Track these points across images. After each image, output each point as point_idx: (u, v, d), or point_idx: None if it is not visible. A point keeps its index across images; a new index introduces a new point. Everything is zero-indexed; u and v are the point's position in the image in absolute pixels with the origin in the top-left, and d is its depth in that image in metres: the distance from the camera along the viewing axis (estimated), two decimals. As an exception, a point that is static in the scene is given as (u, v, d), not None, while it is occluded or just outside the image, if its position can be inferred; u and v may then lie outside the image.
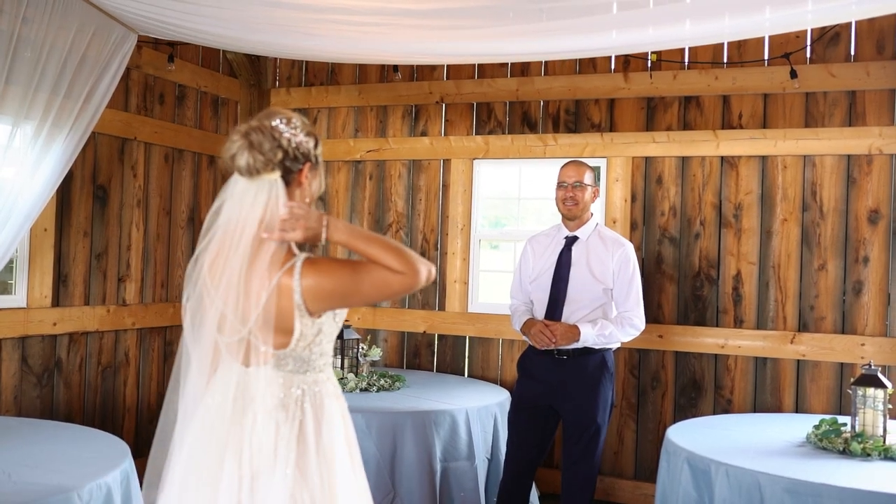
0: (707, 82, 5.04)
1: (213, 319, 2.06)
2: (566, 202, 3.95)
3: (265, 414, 2.02)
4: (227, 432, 2.02)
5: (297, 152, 2.09)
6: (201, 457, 2.04)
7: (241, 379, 2.06)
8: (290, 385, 2.06)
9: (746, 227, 4.96)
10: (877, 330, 4.70)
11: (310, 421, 2.05)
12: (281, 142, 2.06)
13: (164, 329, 5.42)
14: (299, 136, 2.10)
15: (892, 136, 4.67)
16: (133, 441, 5.20)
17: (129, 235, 5.15)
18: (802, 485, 2.88)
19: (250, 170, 2.06)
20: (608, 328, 3.84)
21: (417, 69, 5.76)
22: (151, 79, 5.27)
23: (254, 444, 1.99)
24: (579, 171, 3.95)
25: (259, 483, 1.98)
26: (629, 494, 5.13)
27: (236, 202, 2.09)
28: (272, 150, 2.06)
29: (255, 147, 2.05)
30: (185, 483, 2.05)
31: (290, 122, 2.10)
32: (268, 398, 2.03)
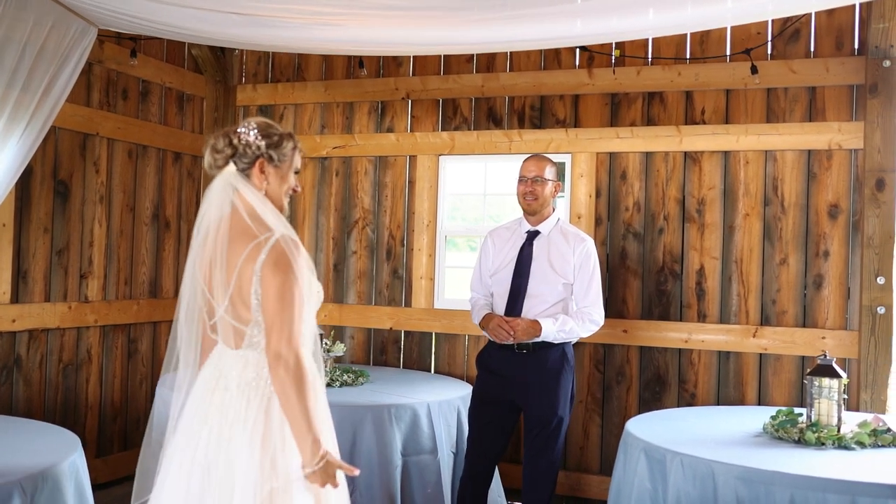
0: (670, 78, 5.07)
1: (201, 306, 2.46)
2: (526, 196, 3.96)
3: (238, 390, 2.38)
4: (208, 404, 2.39)
5: (247, 149, 2.46)
6: (189, 425, 2.42)
7: (220, 361, 2.45)
8: (261, 367, 2.38)
9: (709, 222, 4.99)
10: (837, 323, 4.75)
11: (275, 399, 2.35)
12: (232, 140, 2.47)
13: (128, 326, 5.38)
14: (251, 135, 2.46)
15: (851, 131, 4.72)
16: (95, 439, 5.16)
17: (92, 232, 5.11)
18: (755, 472, 2.90)
19: (211, 166, 2.50)
20: (568, 323, 3.86)
21: (383, 65, 5.75)
22: (114, 74, 5.23)
23: (227, 415, 2.35)
24: (540, 166, 3.96)
25: (231, 445, 2.33)
26: (595, 489, 5.14)
27: (215, 199, 2.47)
28: (225, 147, 2.47)
29: (214, 147, 2.49)
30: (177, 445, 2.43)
31: (249, 124, 2.50)
32: (242, 377, 2.39)
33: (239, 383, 2.39)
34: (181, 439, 2.43)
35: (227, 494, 2.30)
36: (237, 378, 2.40)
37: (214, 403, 2.40)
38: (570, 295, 3.93)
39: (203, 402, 2.42)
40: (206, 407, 2.40)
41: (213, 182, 2.48)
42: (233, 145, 2.46)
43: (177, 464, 2.40)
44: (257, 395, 2.37)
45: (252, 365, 2.40)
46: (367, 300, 5.70)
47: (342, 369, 4.62)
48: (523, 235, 4.01)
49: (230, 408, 2.37)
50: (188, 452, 2.38)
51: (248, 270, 2.35)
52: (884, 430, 3.37)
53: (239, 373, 2.41)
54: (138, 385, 5.45)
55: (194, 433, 2.40)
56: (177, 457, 2.40)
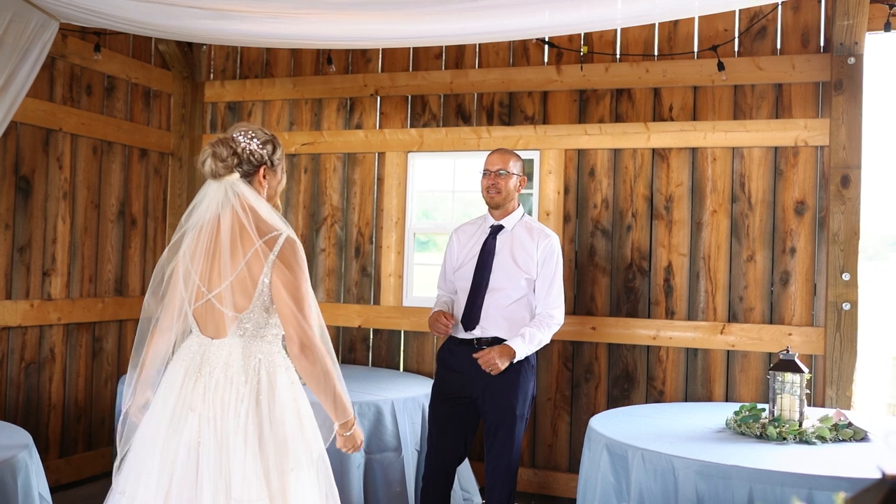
0: (638, 75, 5.07)
1: (189, 294, 2.57)
2: (489, 190, 3.93)
3: (225, 376, 2.49)
4: (191, 391, 2.49)
5: (252, 158, 2.60)
6: (169, 412, 2.50)
7: (200, 349, 2.54)
8: (249, 354, 2.52)
9: (677, 219, 4.99)
10: (803, 320, 4.76)
11: (265, 385, 2.51)
12: (237, 150, 2.58)
13: (93, 325, 5.31)
14: (252, 144, 2.60)
15: (817, 128, 4.73)
16: (59, 439, 5.09)
17: (55, 228, 5.04)
18: (714, 467, 2.89)
19: (214, 174, 2.58)
20: (536, 336, 3.82)
21: (352, 61, 5.72)
22: (78, 69, 5.17)
23: (216, 401, 2.46)
24: (504, 159, 3.93)
25: (224, 429, 2.43)
26: (564, 487, 5.13)
27: (211, 200, 2.58)
28: (229, 156, 2.57)
29: (217, 156, 2.57)
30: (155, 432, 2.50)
31: (247, 133, 2.63)
32: (229, 363, 2.51)
33: (226, 370, 2.50)
34: (160, 427, 2.49)
35: (223, 478, 2.41)
36: (223, 365, 2.51)
37: (198, 391, 2.49)
38: (532, 290, 3.90)
39: (185, 389, 2.51)
40: (189, 394, 2.49)
41: (207, 184, 2.61)
42: (237, 154, 2.58)
43: (159, 450, 2.46)
44: (246, 381, 2.50)
45: (239, 352, 2.53)
46: (336, 298, 5.67)
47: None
48: (487, 230, 3.98)
49: (219, 393, 2.48)
50: (173, 438, 2.46)
51: (258, 263, 2.51)
52: (844, 425, 3.37)
53: (225, 360, 2.52)
54: (103, 384, 5.38)
55: (178, 419, 2.47)
56: (158, 444, 2.46)
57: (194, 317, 2.59)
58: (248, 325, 2.54)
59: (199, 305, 2.57)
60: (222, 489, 2.40)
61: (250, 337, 2.55)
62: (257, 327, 2.55)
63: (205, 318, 2.58)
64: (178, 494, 2.42)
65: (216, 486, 2.40)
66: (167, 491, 2.43)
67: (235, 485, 2.40)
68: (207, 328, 2.58)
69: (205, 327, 2.59)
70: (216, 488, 2.40)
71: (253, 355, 2.54)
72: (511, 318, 3.85)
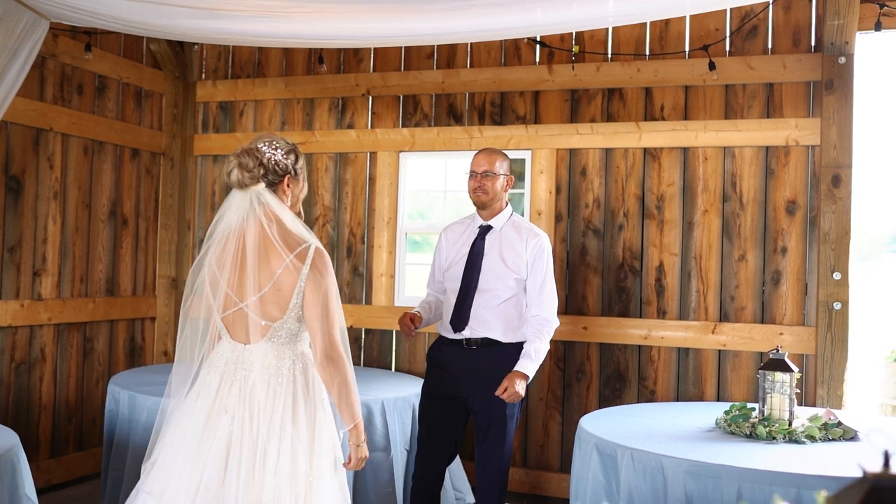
0: (630, 74, 5.07)
1: (218, 302, 2.64)
2: (476, 192, 3.91)
3: (260, 380, 2.57)
4: (226, 395, 2.57)
5: (277, 168, 2.68)
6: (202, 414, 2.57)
7: (233, 354, 2.62)
8: (282, 357, 2.61)
9: (669, 219, 4.99)
10: (795, 319, 4.76)
11: (300, 385, 2.60)
12: (262, 160, 2.65)
13: (84, 325, 5.30)
14: (277, 154, 2.68)
15: (808, 127, 4.74)
16: (49, 440, 5.07)
17: (45, 228, 5.02)
18: (703, 466, 2.89)
19: (240, 184, 2.65)
20: (540, 350, 3.80)
21: (344, 61, 5.71)
22: (69, 68, 5.16)
23: (252, 403, 2.54)
24: (490, 160, 3.91)
25: (258, 430, 2.51)
26: (555, 487, 5.12)
27: (237, 209, 2.65)
28: (255, 167, 2.64)
29: (243, 167, 2.63)
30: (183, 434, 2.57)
31: (271, 143, 2.69)
32: (264, 367, 2.59)
33: (261, 373, 2.59)
34: (195, 429, 2.56)
35: (252, 480, 2.47)
36: (259, 368, 2.60)
37: (233, 393, 2.57)
38: (521, 290, 3.89)
39: (221, 393, 2.59)
40: (225, 397, 2.58)
41: (233, 193, 2.68)
42: (262, 165, 2.65)
43: (193, 452, 2.53)
44: (281, 383, 2.59)
45: (273, 355, 2.61)
46: (328, 298, 5.65)
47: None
48: (476, 230, 3.97)
49: (254, 396, 2.57)
50: (207, 440, 2.53)
51: (291, 277, 2.59)
52: (834, 424, 3.37)
53: (261, 363, 2.60)
54: (94, 385, 5.37)
55: (213, 421, 2.56)
56: (192, 445, 2.54)
57: (224, 323, 2.68)
58: (281, 332, 2.62)
59: (229, 313, 2.66)
60: (252, 493, 2.46)
61: (284, 342, 2.63)
62: (291, 333, 2.65)
63: (235, 325, 2.66)
64: (205, 494, 2.48)
65: (247, 486, 2.47)
66: (196, 491, 2.49)
67: (267, 484, 2.47)
68: (238, 334, 2.66)
69: (235, 333, 2.66)
70: (247, 487, 2.47)
71: (287, 357, 2.63)
72: (501, 319, 3.84)
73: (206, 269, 2.69)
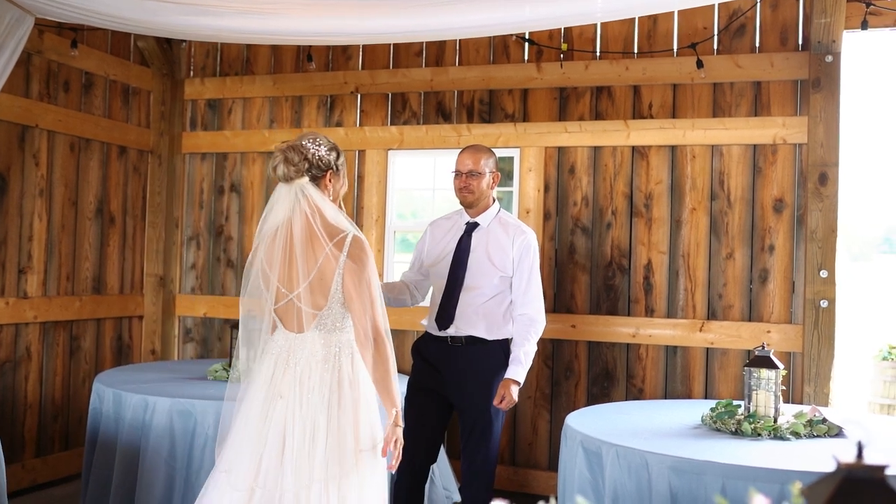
0: (618, 72, 5.07)
1: (271, 295, 2.82)
2: (462, 191, 3.89)
3: (308, 366, 2.76)
4: (280, 381, 2.77)
5: (320, 163, 2.85)
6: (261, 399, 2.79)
7: (286, 343, 2.81)
8: (329, 345, 2.78)
9: (657, 217, 4.99)
10: (782, 317, 4.77)
11: (346, 372, 2.78)
12: (307, 155, 2.82)
13: (70, 323, 5.27)
14: (321, 150, 2.86)
15: (795, 126, 4.74)
16: (35, 439, 5.05)
17: (31, 226, 5.00)
18: (687, 462, 2.89)
19: (286, 177, 2.82)
20: (529, 353, 3.77)
21: (332, 59, 5.70)
22: (55, 65, 5.13)
23: (301, 387, 2.74)
24: (475, 158, 3.89)
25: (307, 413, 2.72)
26: (544, 485, 5.12)
27: (283, 201, 2.83)
28: (300, 161, 2.81)
29: (289, 161, 2.81)
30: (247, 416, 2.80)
31: (315, 140, 2.88)
32: (313, 354, 2.77)
33: (311, 361, 2.77)
34: (254, 413, 2.79)
35: (304, 456, 2.68)
36: (308, 356, 2.78)
37: (287, 379, 2.77)
38: (507, 288, 3.87)
39: (275, 379, 2.79)
40: (279, 383, 2.78)
41: (279, 188, 2.85)
42: (307, 159, 2.82)
43: (253, 433, 2.76)
44: (328, 369, 2.77)
45: (320, 343, 2.79)
46: (316, 296, 5.64)
47: (286, 365, 4.55)
48: (462, 227, 3.96)
49: (304, 381, 2.75)
50: (264, 422, 2.75)
51: (331, 265, 2.76)
52: (819, 421, 3.37)
53: (309, 350, 2.78)
54: (81, 383, 5.34)
55: (268, 405, 2.77)
56: (252, 427, 2.77)
57: (277, 315, 2.85)
58: (327, 320, 2.80)
59: (280, 305, 2.83)
60: (305, 468, 2.68)
61: (330, 330, 2.80)
62: (336, 321, 2.81)
63: (287, 316, 2.84)
64: (266, 473, 2.70)
65: (299, 465, 2.68)
66: (257, 470, 2.71)
67: (318, 463, 2.67)
68: (290, 324, 2.83)
69: (288, 323, 2.84)
70: (299, 467, 2.68)
71: (333, 345, 2.80)
72: (486, 317, 3.83)
73: (258, 266, 2.86)
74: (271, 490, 2.69)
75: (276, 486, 2.69)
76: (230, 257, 5.88)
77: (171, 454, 3.72)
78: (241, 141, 5.85)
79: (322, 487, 2.68)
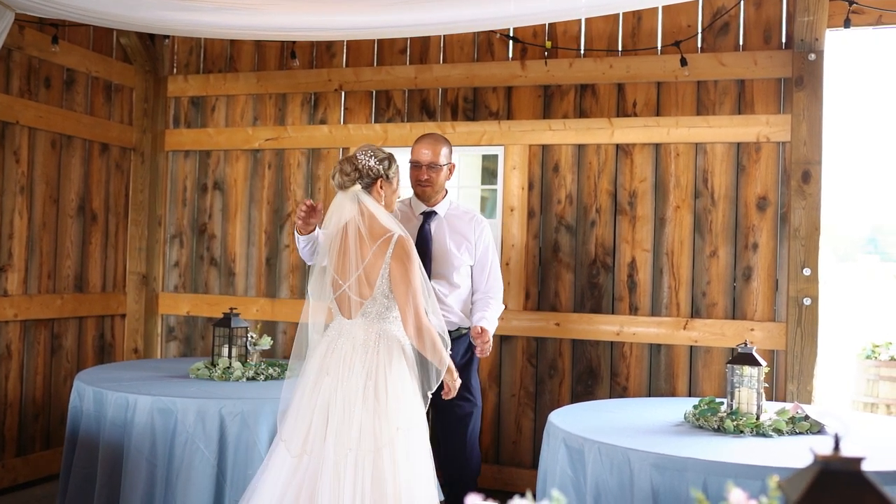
0: (602, 70, 5.07)
1: (329, 286, 3.26)
2: (422, 185, 3.84)
3: (352, 348, 3.16)
4: (329, 360, 3.17)
5: (370, 172, 3.25)
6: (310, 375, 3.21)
7: (340, 327, 3.23)
8: (371, 331, 3.18)
9: (641, 215, 4.99)
10: (765, 315, 4.77)
11: (384, 357, 3.15)
12: (358, 166, 3.25)
13: (52, 321, 5.23)
14: (370, 161, 3.26)
15: (778, 124, 4.75)
16: (16, 438, 5.00)
17: (11, 223, 4.95)
18: (669, 459, 2.88)
19: (341, 186, 3.26)
20: (495, 310, 3.81)
21: (316, 56, 5.68)
22: (36, 61, 5.09)
23: (344, 366, 3.13)
24: (435, 150, 3.85)
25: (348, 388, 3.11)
26: (528, 483, 5.10)
27: (340, 208, 3.25)
28: (352, 172, 3.25)
29: (343, 171, 3.26)
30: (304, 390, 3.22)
31: (367, 152, 3.29)
32: (357, 338, 3.17)
33: (354, 343, 3.16)
34: (307, 387, 3.18)
35: (345, 429, 3.04)
36: (352, 339, 3.17)
37: (334, 359, 3.16)
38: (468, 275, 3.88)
39: (326, 358, 3.18)
40: (328, 362, 3.17)
41: (337, 195, 3.27)
42: (358, 170, 3.24)
43: (304, 406, 3.14)
44: (367, 351, 3.14)
45: (363, 329, 3.18)
46: (300, 294, 5.62)
47: (269, 363, 4.53)
48: (418, 217, 3.93)
49: (348, 361, 3.13)
50: (313, 397, 3.14)
51: (378, 261, 3.15)
52: (802, 418, 3.37)
53: (353, 335, 3.17)
54: (62, 382, 5.30)
55: (318, 382, 3.16)
56: (304, 401, 3.16)
57: (336, 302, 3.27)
58: (372, 309, 3.18)
59: (337, 294, 3.24)
60: (343, 439, 3.02)
61: (374, 318, 3.19)
62: (380, 310, 3.19)
63: (342, 304, 3.25)
64: (312, 442, 3.08)
65: (339, 436, 3.03)
66: (304, 439, 3.09)
67: (354, 436, 3.02)
68: (345, 311, 3.25)
69: (343, 310, 3.25)
70: (339, 437, 3.03)
71: (374, 333, 3.18)
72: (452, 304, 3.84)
73: (321, 266, 3.31)
74: (316, 456, 3.06)
75: (319, 453, 3.06)
76: (213, 255, 5.84)
77: (153, 452, 3.69)
78: (224, 138, 5.81)
79: (358, 457, 3.01)
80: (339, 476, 3.01)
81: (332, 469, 3.02)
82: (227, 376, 4.24)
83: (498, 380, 5.19)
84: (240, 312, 4.55)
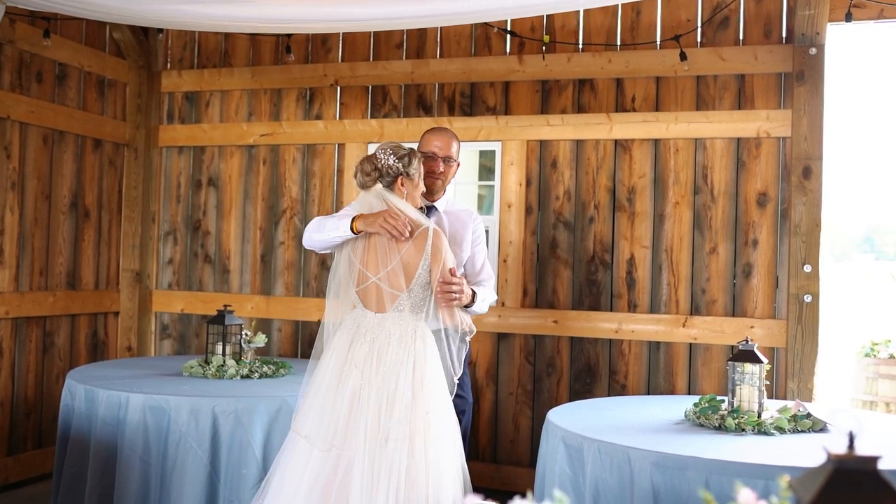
0: (601, 65, 5.01)
1: (353, 278, 3.26)
2: (434, 175, 3.73)
3: (389, 342, 3.16)
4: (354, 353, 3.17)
5: (389, 170, 3.26)
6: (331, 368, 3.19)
7: (364, 320, 3.21)
8: (407, 326, 3.18)
9: (640, 211, 4.94)
10: (765, 312, 4.73)
11: (420, 352, 3.15)
12: (377, 164, 3.26)
13: (44, 319, 5.16)
14: (389, 160, 3.26)
15: (779, 119, 4.70)
16: (7, 437, 4.94)
17: (3, 220, 4.89)
18: (669, 458, 2.83)
19: (362, 185, 3.30)
20: (489, 292, 3.76)
21: (312, 51, 5.62)
22: (27, 55, 5.02)
23: (381, 357, 3.13)
24: (449, 144, 3.77)
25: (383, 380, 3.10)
26: (526, 482, 5.05)
27: (369, 207, 3.27)
28: (372, 171, 3.27)
29: (363, 171, 3.29)
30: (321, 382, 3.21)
31: (386, 150, 3.28)
32: (392, 331, 3.18)
33: (389, 337, 3.16)
34: (328, 380, 3.16)
35: (379, 418, 3.04)
36: (387, 333, 3.17)
37: (361, 352, 3.14)
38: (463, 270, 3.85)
39: (351, 351, 3.17)
40: (355, 355, 3.15)
41: (361, 193, 3.31)
42: (378, 168, 3.26)
43: (328, 397, 3.13)
44: (402, 346, 3.14)
45: (399, 324, 3.18)
46: (295, 292, 5.56)
47: (263, 361, 4.47)
48: None
49: (381, 354, 3.13)
50: (338, 388, 3.12)
51: (417, 254, 3.19)
52: (804, 416, 3.33)
53: (389, 329, 3.17)
54: (54, 380, 5.23)
55: (344, 374, 3.14)
56: (325, 391, 3.14)
57: (358, 295, 3.25)
58: (407, 302, 3.20)
59: (361, 287, 3.23)
60: (379, 428, 3.02)
61: (409, 312, 3.21)
62: (415, 303, 3.21)
63: (367, 297, 3.23)
64: (335, 430, 3.07)
65: (371, 426, 3.03)
66: (328, 428, 3.07)
67: (392, 425, 3.02)
68: (370, 304, 3.23)
69: (367, 303, 3.23)
70: (371, 428, 3.03)
71: (410, 328, 3.19)
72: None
73: (344, 255, 3.30)
74: (346, 449, 3.06)
75: (346, 444, 3.06)
76: (208, 252, 5.78)
77: (146, 451, 3.63)
78: (219, 134, 5.75)
79: (396, 444, 3.02)
80: (372, 467, 3.01)
81: (366, 461, 3.01)
82: (221, 374, 4.19)
83: (495, 378, 5.14)
84: (234, 310, 4.50)
